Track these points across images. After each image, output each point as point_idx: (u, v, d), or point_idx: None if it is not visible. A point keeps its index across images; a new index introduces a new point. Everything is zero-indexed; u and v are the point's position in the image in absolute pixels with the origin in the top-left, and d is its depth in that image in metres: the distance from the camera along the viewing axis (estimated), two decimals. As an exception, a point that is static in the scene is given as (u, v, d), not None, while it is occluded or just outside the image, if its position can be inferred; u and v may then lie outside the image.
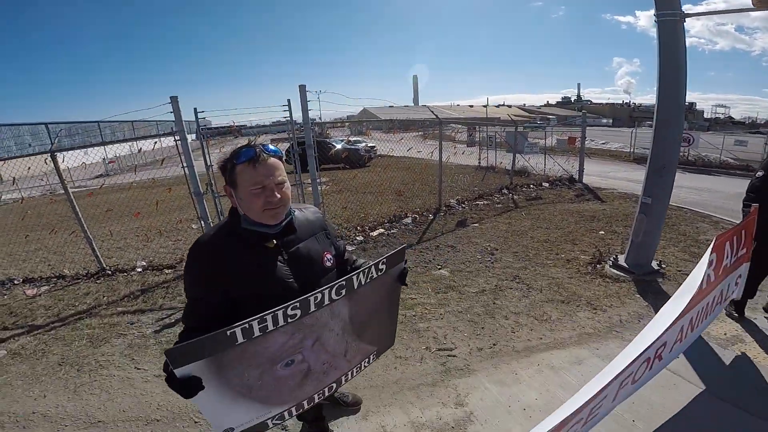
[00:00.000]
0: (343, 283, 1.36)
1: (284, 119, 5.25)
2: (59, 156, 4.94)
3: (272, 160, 1.29)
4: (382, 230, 6.44)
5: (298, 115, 5.10)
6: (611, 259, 4.52)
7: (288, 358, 1.34)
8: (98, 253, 5.25)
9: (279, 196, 1.30)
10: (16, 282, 5.11)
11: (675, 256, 4.74)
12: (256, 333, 1.18)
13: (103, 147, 6.34)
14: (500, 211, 7.43)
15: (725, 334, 3.08)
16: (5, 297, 4.67)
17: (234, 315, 1.34)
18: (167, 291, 4.51)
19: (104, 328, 3.74)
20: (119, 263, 5.49)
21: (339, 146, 15.13)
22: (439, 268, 4.77)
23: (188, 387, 1.10)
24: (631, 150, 15.11)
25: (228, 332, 1.13)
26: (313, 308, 1.30)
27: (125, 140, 5.88)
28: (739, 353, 2.83)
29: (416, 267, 4.83)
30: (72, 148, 6.08)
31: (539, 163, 10.97)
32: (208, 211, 5.00)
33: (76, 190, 6.89)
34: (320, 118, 10.37)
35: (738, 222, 2.58)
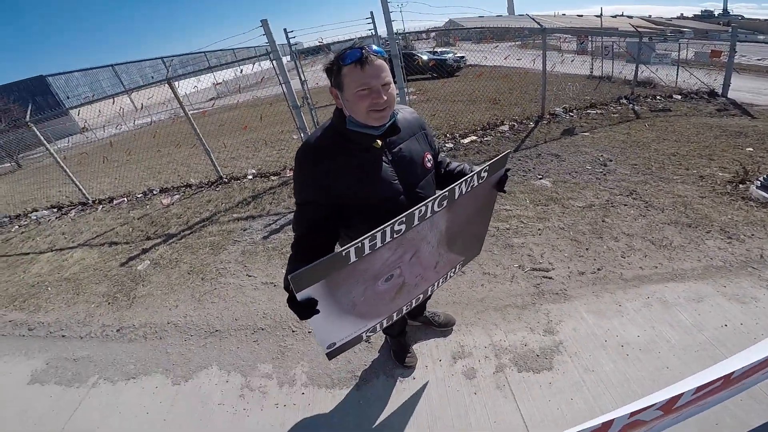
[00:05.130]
0: (446, 194, 1.28)
1: (369, 32, 5.18)
2: (176, 84, 5.47)
3: (378, 61, 1.23)
4: (474, 137, 6.09)
5: (382, 30, 4.99)
6: (760, 179, 3.68)
7: (389, 273, 1.35)
8: (216, 164, 5.91)
9: (385, 97, 1.25)
10: (155, 192, 6.04)
11: None
12: (367, 251, 1.18)
13: (212, 73, 6.77)
14: (617, 121, 6.47)
15: None
16: (147, 207, 5.52)
17: (338, 221, 1.37)
18: (273, 197, 4.94)
19: (222, 235, 4.18)
20: (233, 172, 6.13)
21: (425, 57, 14.23)
22: (540, 178, 4.40)
23: (307, 309, 1.15)
24: (798, 67, 12.23)
25: (343, 253, 1.13)
26: (416, 222, 1.26)
27: (227, 64, 6.23)
28: None
29: (513, 175, 4.51)
30: (183, 77, 6.66)
31: (670, 74, 9.26)
32: (305, 122, 5.23)
33: (194, 111, 7.66)
34: (404, 31, 9.83)
35: None
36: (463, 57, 15.10)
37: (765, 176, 3.69)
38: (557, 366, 2.11)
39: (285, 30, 4.87)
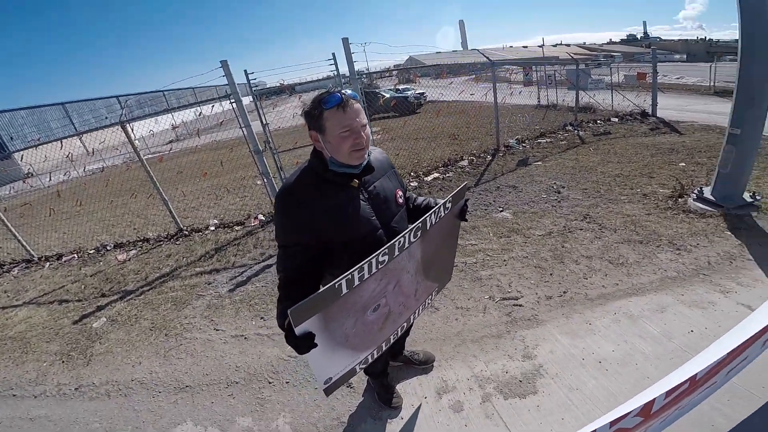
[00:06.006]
0: (420, 225, 1.40)
1: (332, 73, 5.25)
2: (132, 125, 5.28)
3: (356, 104, 1.33)
4: (437, 174, 6.32)
5: (345, 69, 5.06)
6: (695, 192, 4.08)
7: (375, 303, 1.42)
8: (175, 215, 5.63)
9: (364, 137, 1.35)
10: (108, 248, 5.65)
11: (772, 187, 4.11)
12: (356, 282, 1.24)
13: (170, 114, 6.68)
14: (565, 148, 6.96)
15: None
16: (100, 263, 5.18)
17: (323, 260, 1.42)
18: (238, 248, 4.77)
19: (185, 290, 4.00)
20: (194, 223, 5.88)
21: (387, 95, 14.73)
22: (501, 211, 4.60)
23: (306, 342, 1.18)
24: (711, 83, 13.92)
25: (336, 285, 1.18)
26: (397, 252, 1.35)
27: (184, 106, 6.15)
28: None
29: (476, 210, 4.69)
30: (139, 118, 6.43)
31: (606, 99, 10.22)
32: (268, 167, 5.17)
33: (150, 156, 7.40)
34: (368, 70, 10.18)
35: None
36: (423, 93, 15.63)
37: (698, 189, 4.09)
38: (542, 389, 2.16)
39: (245, 71, 4.87)
